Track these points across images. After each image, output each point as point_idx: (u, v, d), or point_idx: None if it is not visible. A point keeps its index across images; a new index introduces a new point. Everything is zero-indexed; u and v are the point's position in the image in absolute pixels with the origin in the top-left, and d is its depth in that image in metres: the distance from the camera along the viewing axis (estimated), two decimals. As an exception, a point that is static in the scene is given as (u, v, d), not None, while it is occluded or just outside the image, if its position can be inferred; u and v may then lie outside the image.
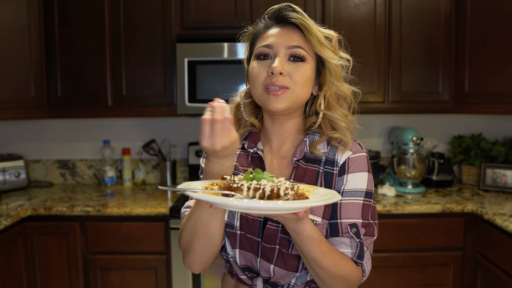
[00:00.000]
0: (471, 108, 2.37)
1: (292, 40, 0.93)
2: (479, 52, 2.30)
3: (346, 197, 0.94)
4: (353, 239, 0.91)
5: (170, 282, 2.21)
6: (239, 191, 0.73)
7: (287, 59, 0.93)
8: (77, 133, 2.84)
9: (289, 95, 0.92)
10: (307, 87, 0.94)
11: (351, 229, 0.91)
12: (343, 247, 0.91)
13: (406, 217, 2.17)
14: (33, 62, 2.38)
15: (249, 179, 0.78)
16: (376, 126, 2.79)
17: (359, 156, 0.97)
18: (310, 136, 1.00)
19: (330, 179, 0.96)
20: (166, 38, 2.39)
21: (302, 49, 0.92)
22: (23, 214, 2.15)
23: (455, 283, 2.20)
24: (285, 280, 0.94)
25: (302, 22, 0.92)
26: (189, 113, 2.36)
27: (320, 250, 0.84)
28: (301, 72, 0.92)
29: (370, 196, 0.96)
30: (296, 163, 0.98)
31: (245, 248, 0.95)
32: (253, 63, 0.96)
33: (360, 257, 0.91)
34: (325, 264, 0.85)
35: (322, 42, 0.94)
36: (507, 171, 2.43)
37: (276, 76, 0.90)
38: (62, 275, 2.22)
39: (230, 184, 0.74)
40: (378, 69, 2.38)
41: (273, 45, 0.93)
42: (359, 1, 2.37)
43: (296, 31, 0.94)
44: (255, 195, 0.72)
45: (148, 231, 2.19)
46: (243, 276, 0.98)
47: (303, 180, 0.96)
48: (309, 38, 0.93)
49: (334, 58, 0.95)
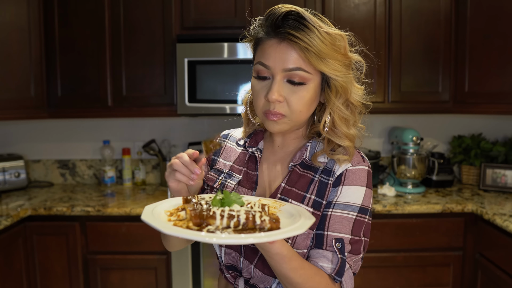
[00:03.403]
0: (471, 108, 2.37)
1: (290, 61, 0.85)
2: (479, 52, 2.30)
3: (337, 209, 0.90)
4: (335, 254, 0.87)
5: (170, 282, 2.21)
6: (211, 219, 0.70)
7: (286, 81, 0.87)
8: (77, 133, 2.84)
9: (287, 121, 0.90)
10: (306, 111, 0.90)
11: (335, 243, 0.87)
12: (323, 261, 0.87)
13: (406, 217, 2.17)
14: (33, 62, 2.38)
15: (219, 204, 0.76)
16: (376, 126, 2.79)
17: (358, 169, 0.92)
18: (313, 143, 0.97)
19: (323, 189, 0.92)
20: (166, 38, 2.39)
21: (301, 71, 0.85)
22: (23, 214, 2.15)
23: (455, 283, 2.20)
24: (264, 284, 0.93)
25: (298, 42, 0.83)
26: (189, 113, 2.36)
27: (290, 267, 0.81)
28: (299, 98, 0.87)
29: (365, 212, 0.90)
30: (292, 167, 0.96)
31: (231, 247, 0.96)
32: (253, 80, 0.92)
33: (339, 274, 0.86)
34: (296, 281, 0.82)
35: (325, 54, 0.84)
36: (507, 171, 2.43)
37: (272, 104, 0.87)
38: (62, 275, 2.22)
39: (202, 212, 0.71)
40: (378, 69, 2.38)
41: (270, 67, 0.87)
42: (359, 1, 2.37)
43: (295, 47, 0.85)
44: (230, 223, 0.70)
45: (148, 231, 2.18)
46: (227, 275, 0.99)
47: (294, 186, 0.93)
48: (307, 58, 0.84)
49: (339, 75, 0.87)
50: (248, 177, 0.99)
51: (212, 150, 0.89)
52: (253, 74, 0.93)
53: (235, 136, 1.08)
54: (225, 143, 1.07)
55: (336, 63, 0.87)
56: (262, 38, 0.90)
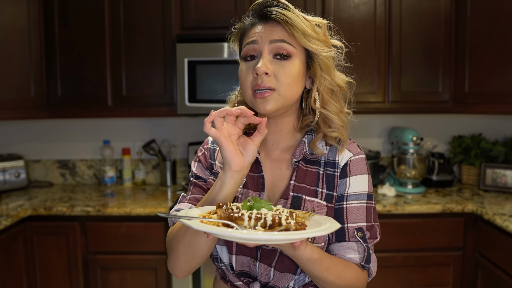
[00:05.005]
0: (471, 108, 2.37)
1: (276, 34, 0.89)
2: (479, 52, 2.30)
3: (350, 201, 0.94)
4: (360, 243, 0.92)
5: (170, 282, 2.21)
6: (239, 221, 0.73)
7: (273, 57, 0.90)
8: (77, 133, 2.84)
9: (276, 97, 0.89)
10: (295, 85, 0.91)
11: (357, 233, 0.92)
12: (350, 253, 0.91)
13: (406, 217, 2.17)
14: (33, 62, 2.38)
15: (248, 208, 0.78)
16: (376, 126, 2.79)
17: (359, 158, 0.97)
18: (309, 137, 0.98)
19: (331, 181, 0.95)
20: (166, 38, 2.39)
21: (286, 43, 0.89)
22: (23, 214, 2.15)
23: (455, 283, 2.20)
24: (283, 283, 0.93)
25: (283, 17, 0.88)
26: (189, 113, 2.36)
27: (322, 268, 0.84)
28: (287, 71, 0.89)
29: (371, 198, 0.96)
30: (296, 164, 0.96)
31: (243, 253, 0.94)
32: (241, 65, 0.94)
33: (368, 261, 0.92)
34: (329, 279, 0.86)
35: (308, 33, 0.89)
36: (507, 171, 2.43)
37: (261, 77, 0.88)
38: (62, 275, 2.22)
39: (231, 214, 0.74)
40: (378, 69, 2.38)
41: (257, 40, 0.90)
42: (359, 1, 2.37)
43: (279, 25, 0.90)
44: (257, 224, 0.72)
45: (148, 231, 2.19)
46: (238, 282, 0.96)
47: (304, 182, 0.95)
48: (292, 32, 0.89)
49: (322, 50, 0.91)
50: (253, 180, 0.97)
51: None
52: (240, 62, 0.95)
53: None
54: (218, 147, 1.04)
55: (318, 41, 0.91)
56: (248, 28, 0.95)
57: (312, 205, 0.93)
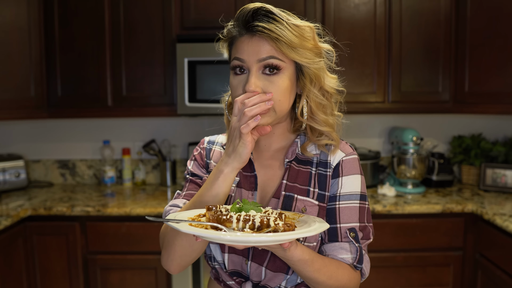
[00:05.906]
0: (471, 108, 2.37)
1: (263, 52, 0.87)
2: (479, 52, 2.30)
3: (343, 201, 0.94)
4: (353, 243, 0.92)
5: (170, 282, 2.21)
6: (228, 223, 0.73)
7: (262, 72, 0.89)
8: (77, 133, 2.84)
9: (269, 113, 0.88)
10: (286, 100, 0.90)
11: (350, 233, 0.92)
12: (342, 253, 0.92)
13: (406, 217, 2.17)
14: (33, 62, 2.38)
15: (237, 210, 0.78)
16: (376, 126, 2.79)
17: (351, 159, 0.97)
18: (301, 137, 1.00)
19: (323, 181, 0.96)
20: (166, 38, 2.39)
21: (274, 59, 0.87)
22: (23, 214, 2.15)
23: (455, 283, 2.20)
24: (275, 282, 0.94)
25: (269, 32, 0.86)
26: (189, 113, 2.36)
27: (314, 269, 0.85)
28: (276, 88, 0.88)
29: (364, 198, 0.96)
30: (288, 164, 0.97)
31: (235, 252, 0.95)
32: (231, 77, 0.93)
33: (360, 261, 0.92)
34: (321, 279, 0.86)
35: (296, 45, 0.87)
36: (507, 171, 2.43)
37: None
38: (62, 275, 2.22)
39: (219, 216, 0.74)
40: (378, 69, 2.38)
41: (245, 59, 0.89)
42: (359, 1, 2.37)
43: (266, 39, 0.87)
44: (245, 226, 0.72)
45: (148, 231, 2.19)
46: (230, 282, 0.97)
47: (296, 182, 0.96)
48: (278, 48, 0.86)
49: (312, 61, 0.89)
50: (246, 179, 0.99)
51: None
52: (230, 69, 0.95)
53: (220, 141, 1.08)
54: (213, 147, 1.07)
55: (307, 52, 0.89)
56: (235, 36, 0.93)
57: (303, 204, 0.94)
